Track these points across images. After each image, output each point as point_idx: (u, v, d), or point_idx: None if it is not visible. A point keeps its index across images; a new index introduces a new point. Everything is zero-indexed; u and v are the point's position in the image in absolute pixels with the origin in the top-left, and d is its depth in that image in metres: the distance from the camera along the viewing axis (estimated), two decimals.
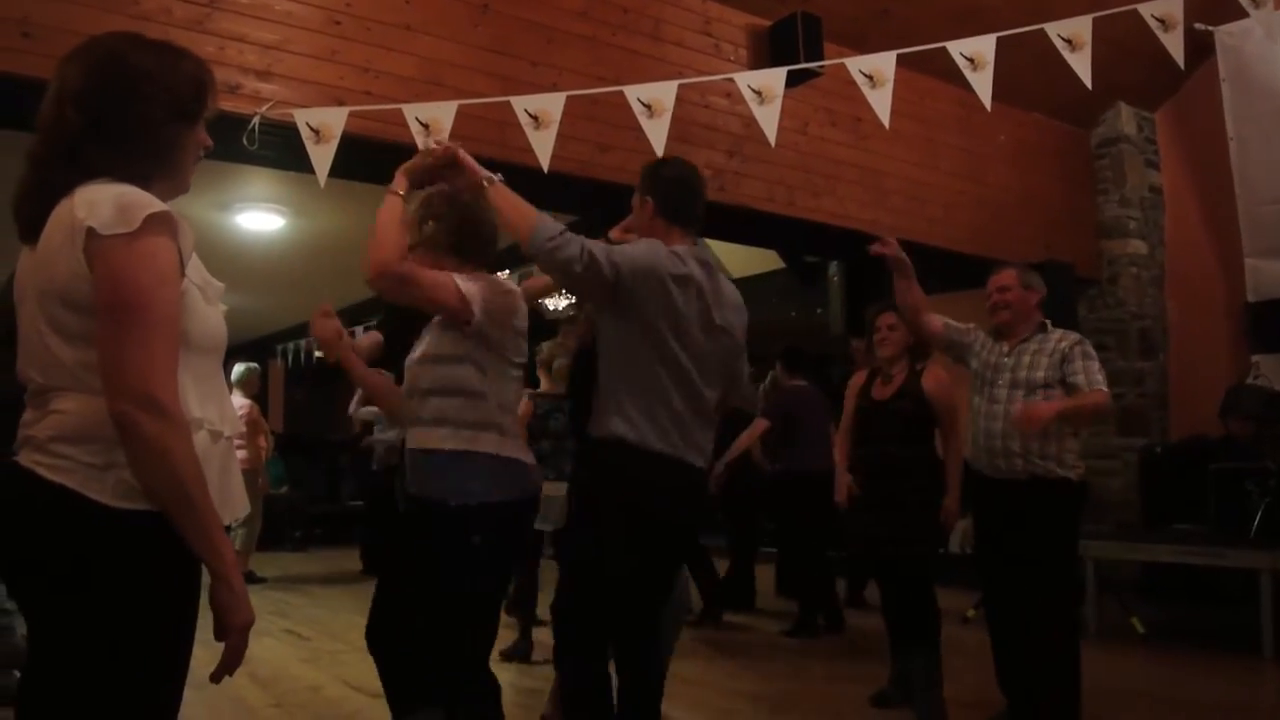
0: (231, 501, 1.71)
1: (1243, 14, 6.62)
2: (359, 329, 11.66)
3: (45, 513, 1.52)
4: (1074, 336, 3.81)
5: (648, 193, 3.03)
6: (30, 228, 1.62)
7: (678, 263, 2.82)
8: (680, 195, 3.03)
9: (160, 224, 1.54)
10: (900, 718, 4.19)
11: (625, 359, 2.83)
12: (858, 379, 4.68)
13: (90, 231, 1.50)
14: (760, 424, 6.33)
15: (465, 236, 2.86)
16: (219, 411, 1.68)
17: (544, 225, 2.69)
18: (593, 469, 2.92)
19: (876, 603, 5.34)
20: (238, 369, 7.90)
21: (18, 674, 4.08)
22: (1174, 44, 4.79)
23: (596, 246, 2.75)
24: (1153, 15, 4.78)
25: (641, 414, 2.80)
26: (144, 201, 1.54)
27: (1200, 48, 6.86)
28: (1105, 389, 3.68)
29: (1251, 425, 6.69)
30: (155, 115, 1.62)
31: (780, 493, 6.58)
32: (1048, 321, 3.89)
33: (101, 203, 1.52)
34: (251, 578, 8.15)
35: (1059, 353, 3.73)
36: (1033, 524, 3.66)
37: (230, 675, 1.62)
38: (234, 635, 1.59)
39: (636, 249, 2.82)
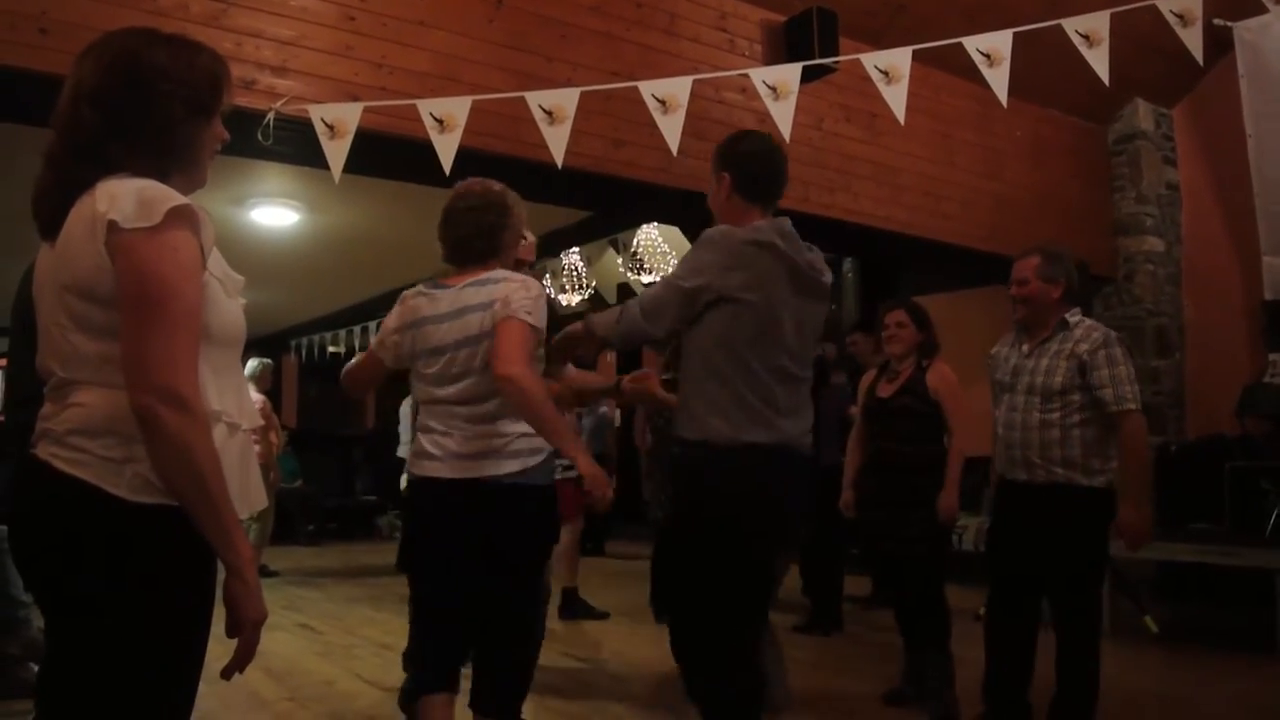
0: (250, 494, 1.72)
1: (1262, 9, 6.59)
2: (374, 324, 11.74)
3: (61, 506, 1.53)
4: (1098, 336, 3.55)
5: (724, 168, 2.86)
6: (50, 224, 1.62)
7: (751, 232, 2.71)
8: (759, 170, 2.84)
9: (182, 217, 1.54)
10: (913, 715, 4.18)
11: (713, 350, 2.70)
12: (867, 378, 4.67)
13: (112, 225, 1.50)
14: None
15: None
16: (237, 404, 1.69)
17: (605, 320, 2.92)
18: (691, 470, 2.77)
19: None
20: (250, 364, 7.92)
21: (35, 666, 4.13)
22: (1193, 40, 4.76)
23: (652, 300, 2.76)
24: (1171, 11, 4.75)
25: (735, 406, 2.67)
26: (166, 195, 1.54)
27: (1219, 43, 6.82)
28: (1134, 403, 3.49)
29: (1268, 424, 6.65)
30: (172, 112, 1.63)
31: None
32: (1068, 317, 3.64)
33: (123, 196, 1.52)
34: (264, 571, 8.19)
35: (1077, 357, 3.53)
36: (1053, 532, 3.52)
37: (242, 671, 1.63)
38: (247, 630, 1.60)
39: (686, 266, 2.73)
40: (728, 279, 2.64)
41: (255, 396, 7.59)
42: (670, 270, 2.82)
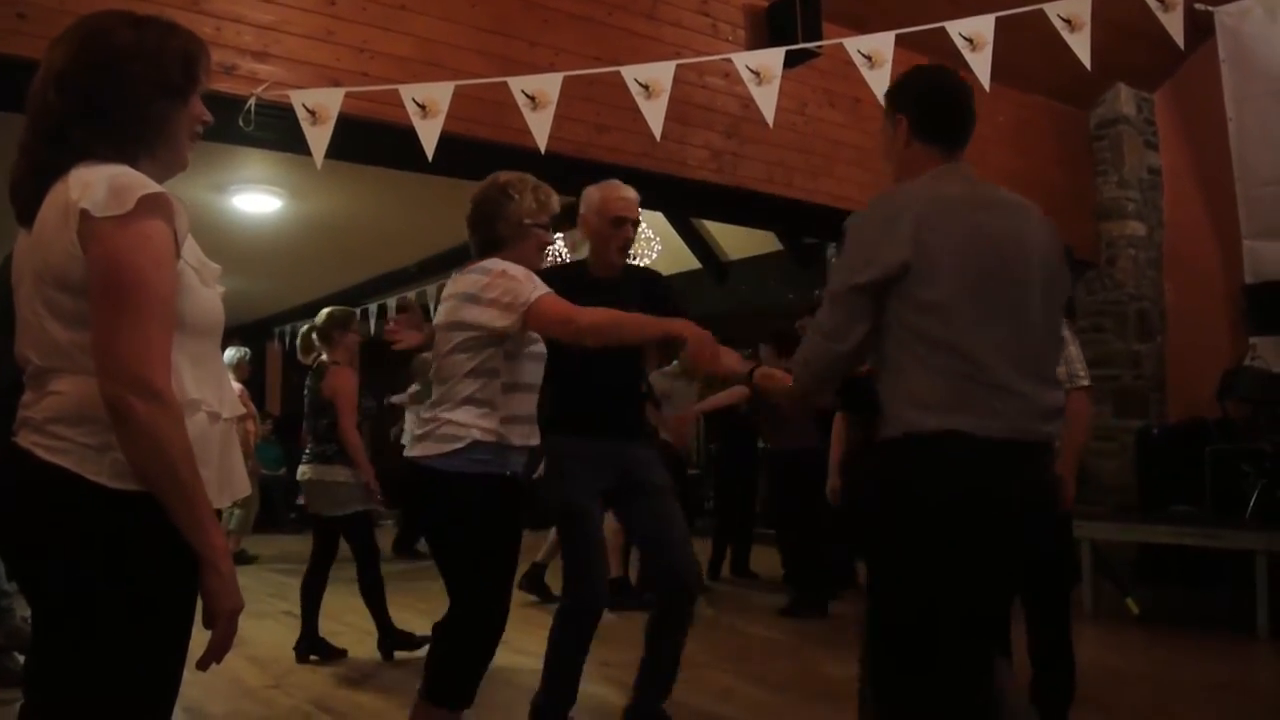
0: (233, 483, 1.72)
1: None
2: (357, 311, 11.70)
3: (43, 494, 1.52)
4: None
5: (900, 109, 2.49)
6: (26, 211, 1.61)
7: (903, 191, 2.35)
8: (941, 105, 2.48)
9: (154, 205, 1.53)
10: None
11: (904, 332, 2.22)
12: None
13: (84, 213, 1.49)
14: (740, 389, 6.38)
15: None
16: (217, 394, 1.68)
17: (795, 372, 2.49)
18: (891, 472, 2.26)
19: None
20: (229, 353, 7.90)
21: (19, 655, 4.11)
22: (1174, 24, 4.77)
23: (833, 317, 2.31)
24: None
25: (941, 389, 2.18)
26: (138, 183, 1.53)
27: (1200, 28, 6.84)
28: (1085, 379, 3.62)
29: (1248, 407, 6.70)
30: (141, 93, 1.61)
31: (766, 473, 6.66)
32: None
33: (95, 184, 1.51)
34: (244, 557, 8.20)
35: None
36: None
37: (219, 662, 1.62)
38: (222, 621, 1.59)
39: (846, 260, 2.31)
40: (895, 250, 2.20)
41: (234, 385, 7.57)
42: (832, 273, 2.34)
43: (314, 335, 5.15)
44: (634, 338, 2.89)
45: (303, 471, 5.02)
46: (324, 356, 5.12)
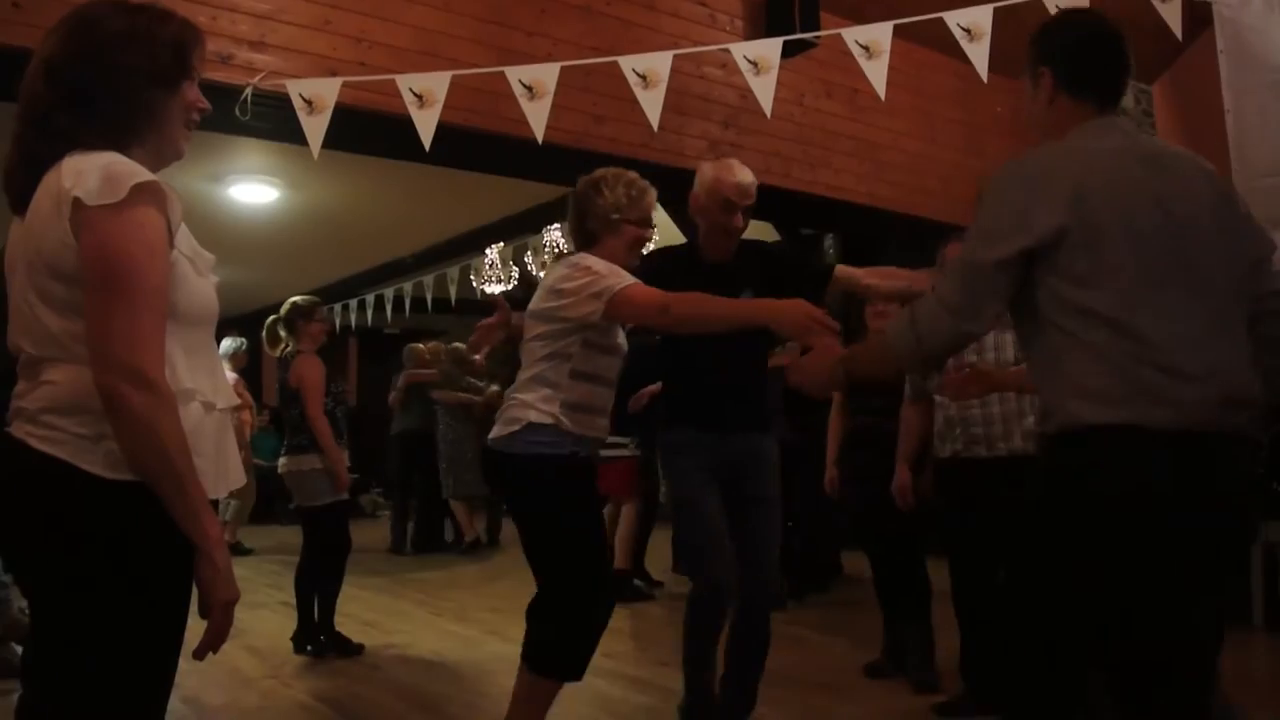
0: (228, 473, 1.71)
1: None
2: (354, 301, 11.69)
3: (38, 484, 1.52)
4: None
5: (1043, 61, 2.15)
6: (20, 200, 1.61)
7: (1047, 152, 2.02)
8: (1091, 55, 2.14)
9: (147, 194, 1.53)
10: (894, 687, 4.22)
11: (1055, 312, 1.92)
12: None
13: (76, 201, 1.49)
14: None
15: None
16: (211, 384, 1.67)
17: (898, 345, 2.09)
18: (1052, 474, 1.98)
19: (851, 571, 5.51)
20: (225, 344, 7.89)
21: (15, 646, 4.11)
22: (1172, 15, 4.77)
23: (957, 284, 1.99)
24: None
25: (1101, 374, 1.86)
26: (131, 171, 1.53)
27: (1198, 19, 6.83)
28: None
29: None
30: (131, 81, 1.60)
31: None
32: None
33: (88, 172, 1.51)
34: (239, 549, 8.20)
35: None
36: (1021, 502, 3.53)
37: (215, 652, 1.63)
38: (217, 611, 1.59)
39: (980, 230, 1.99)
40: (1051, 214, 1.89)
41: (229, 375, 7.57)
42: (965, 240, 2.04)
43: (279, 326, 5.12)
44: (724, 326, 2.82)
45: (281, 464, 5.00)
46: (290, 347, 5.09)
